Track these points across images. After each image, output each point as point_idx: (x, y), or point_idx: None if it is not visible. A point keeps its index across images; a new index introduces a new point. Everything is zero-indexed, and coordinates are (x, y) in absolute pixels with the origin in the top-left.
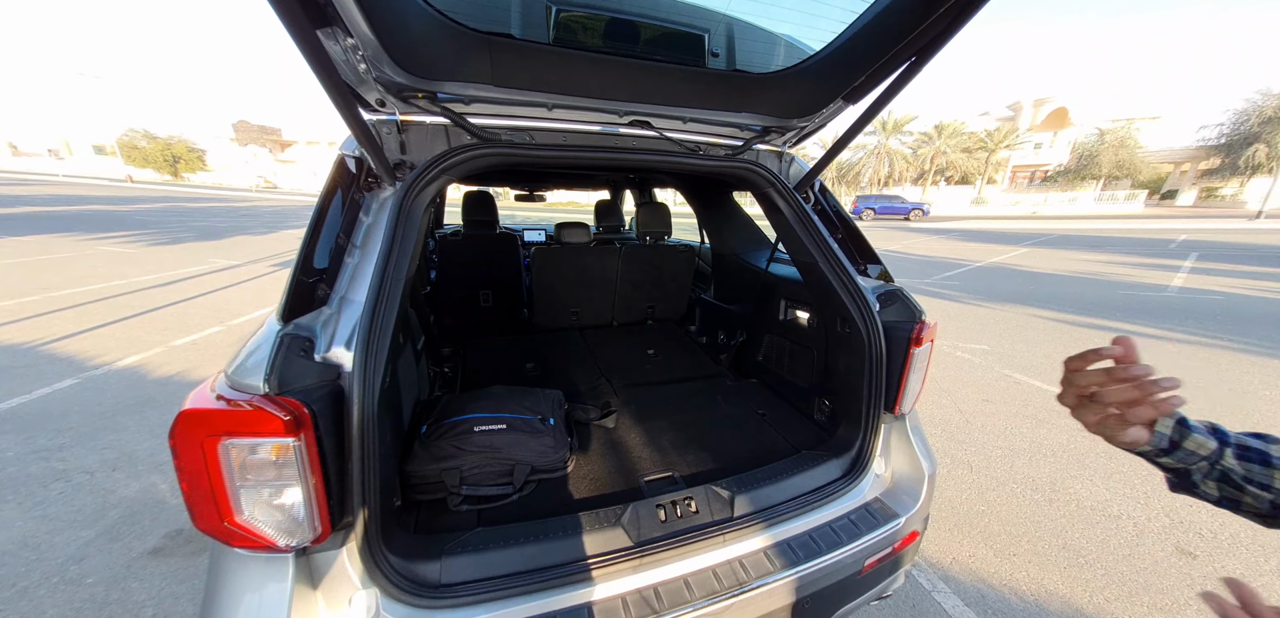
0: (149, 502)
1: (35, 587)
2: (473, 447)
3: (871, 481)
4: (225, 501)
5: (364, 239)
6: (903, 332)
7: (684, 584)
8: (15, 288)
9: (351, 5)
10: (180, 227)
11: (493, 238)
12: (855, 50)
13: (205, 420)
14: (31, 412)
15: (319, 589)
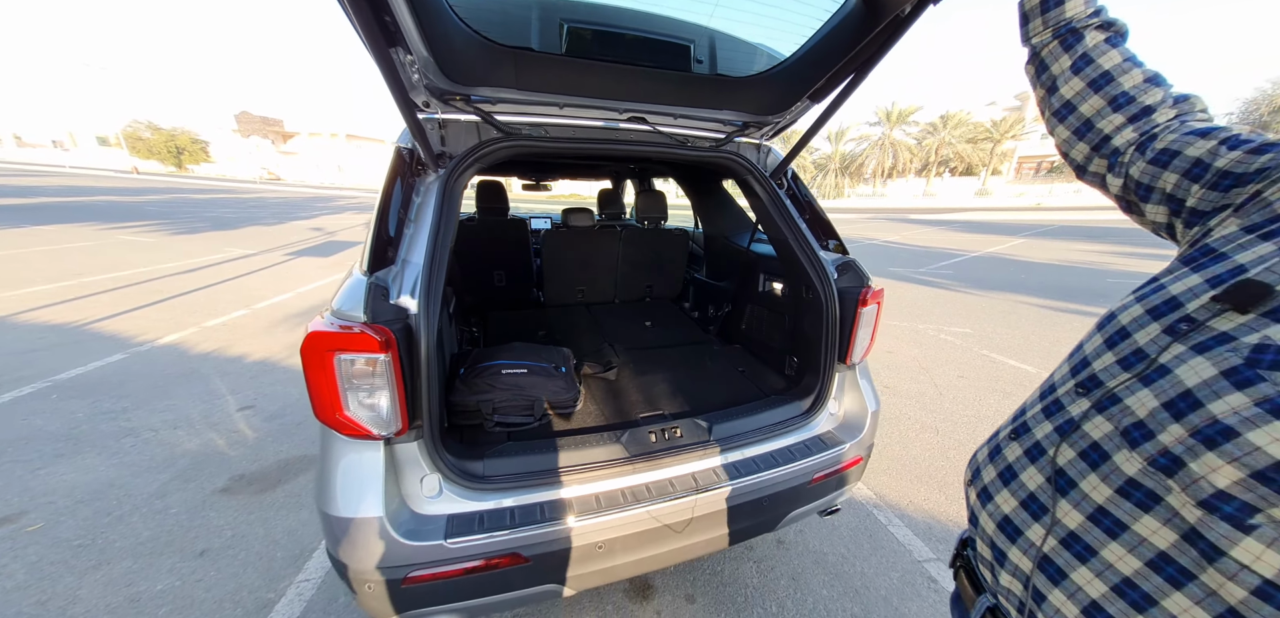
0: (211, 453)
1: (128, 515)
2: (501, 385)
3: (826, 417)
4: (337, 398)
5: (417, 214)
6: (853, 295)
7: (669, 483)
8: (51, 273)
9: (413, 29)
10: (193, 218)
11: (505, 223)
12: (813, 60)
13: (326, 339)
14: (91, 381)
15: (401, 469)
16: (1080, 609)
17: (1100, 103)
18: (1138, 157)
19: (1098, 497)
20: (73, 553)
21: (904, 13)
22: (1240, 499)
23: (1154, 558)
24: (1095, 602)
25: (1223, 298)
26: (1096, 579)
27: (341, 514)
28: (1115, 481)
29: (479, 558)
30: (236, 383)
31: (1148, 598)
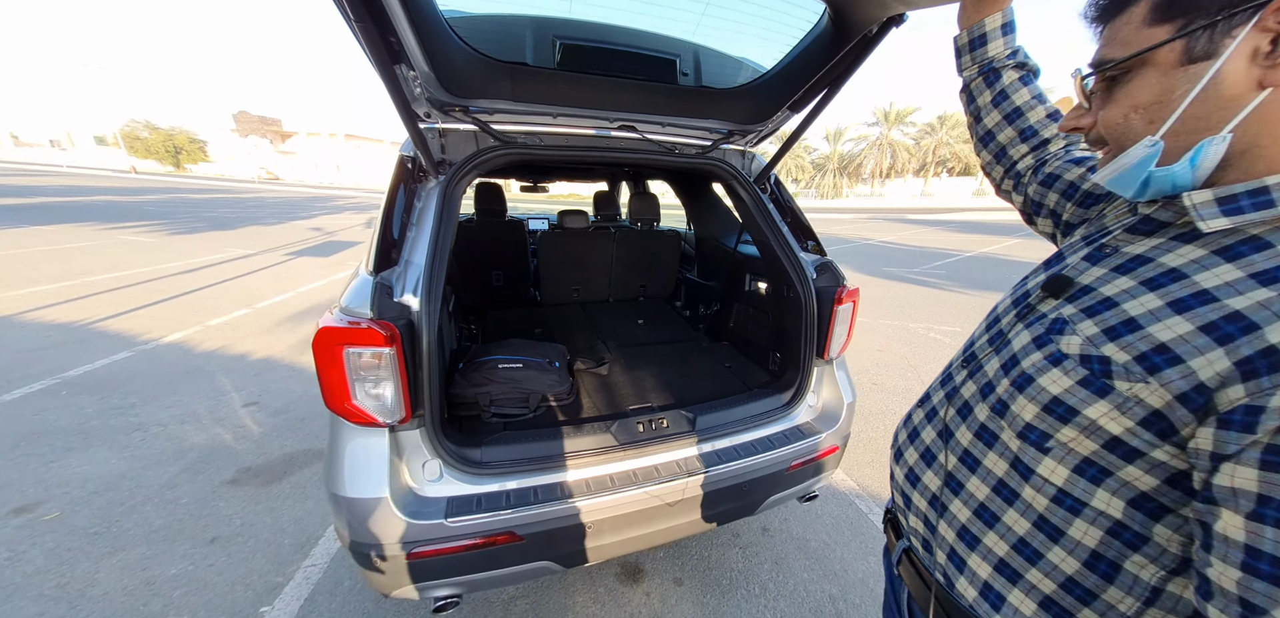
0: (217, 447)
1: (141, 505)
2: (498, 379)
3: (805, 409)
4: (346, 389)
5: (418, 218)
6: (829, 294)
7: (654, 469)
8: (54, 273)
9: (416, 47)
10: (192, 218)
11: (503, 224)
12: (791, 74)
13: (336, 334)
14: (99, 378)
15: (404, 455)
16: (955, 533)
17: (1012, 134)
18: (1032, 179)
19: (964, 441)
20: (89, 540)
21: (871, 33)
22: (1039, 428)
23: (996, 484)
24: (964, 526)
25: (1045, 287)
26: (965, 508)
27: (349, 495)
28: (974, 427)
29: (477, 536)
30: (241, 380)
31: (993, 516)
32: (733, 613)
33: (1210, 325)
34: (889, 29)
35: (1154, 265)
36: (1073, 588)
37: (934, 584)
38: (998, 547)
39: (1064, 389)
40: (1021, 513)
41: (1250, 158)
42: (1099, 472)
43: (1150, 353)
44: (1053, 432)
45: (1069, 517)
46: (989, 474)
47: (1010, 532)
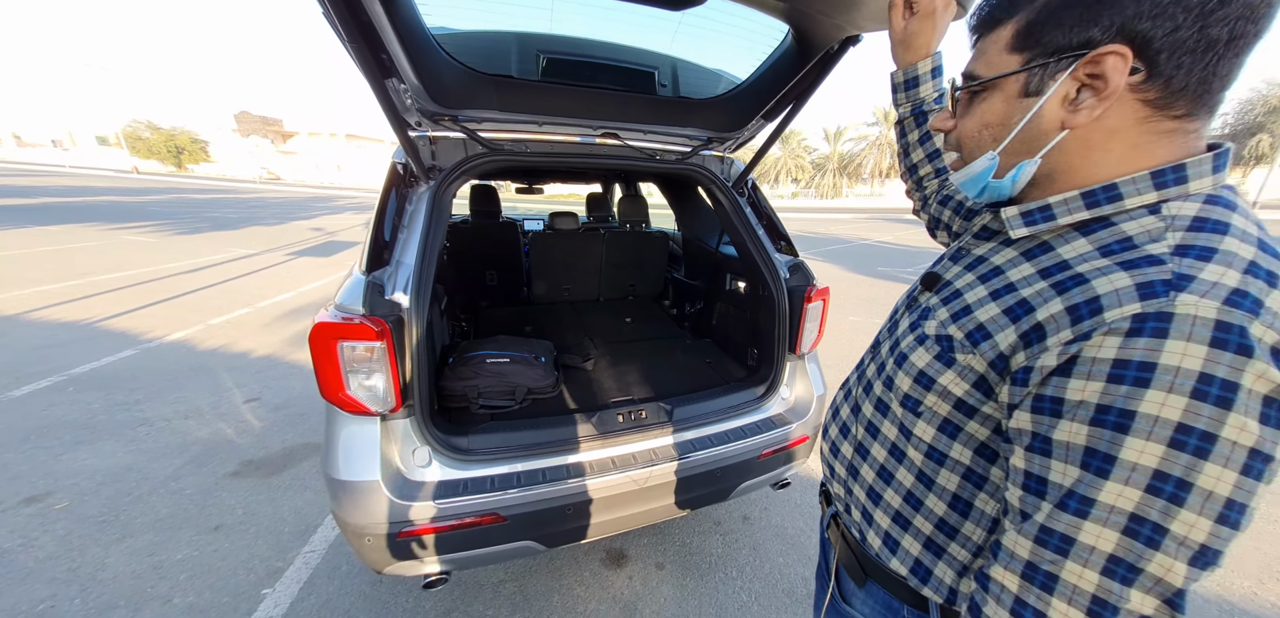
0: (220, 442)
1: (147, 495)
2: (485, 373)
3: (778, 402)
4: (340, 380)
5: (409, 221)
6: (800, 292)
7: (632, 457)
8: (60, 273)
9: (406, 64)
10: (194, 218)
11: (497, 225)
12: (763, 86)
13: (331, 329)
14: (104, 375)
15: (395, 442)
16: (865, 494)
17: (929, 170)
18: (934, 199)
19: (868, 414)
20: (98, 528)
21: (833, 49)
22: (913, 397)
23: (890, 447)
24: (871, 487)
25: (923, 282)
26: (871, 470)
27: (343, 478)
28: (873, 401)
29: (462, 517)
30: (242, 377)
31: (889, 475)
32: (711, 594)
33: (1009, 309)
34: (847, 47)
35: (986, 264)
36: (943, 527)
37: (852, 541)
38: (893, 500)
39: (926, 363)
40: (908, 469)
41: (1051, 181)
42: (954, 428)
43: (975, 331)
44: (922, 398)
45: (937, 468)
46: (885, 439)
47: (901, 486)
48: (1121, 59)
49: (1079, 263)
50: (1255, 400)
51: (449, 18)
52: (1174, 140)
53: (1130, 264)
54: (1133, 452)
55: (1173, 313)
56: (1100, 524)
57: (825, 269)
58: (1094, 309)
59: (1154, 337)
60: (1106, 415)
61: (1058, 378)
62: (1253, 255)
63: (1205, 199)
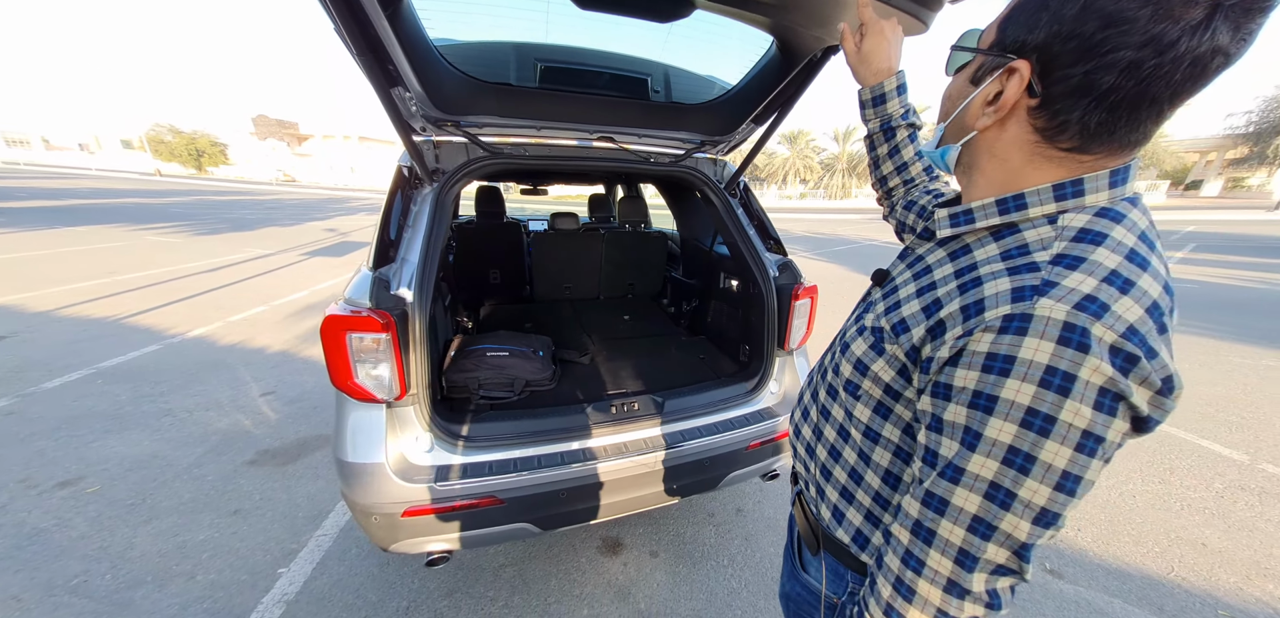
0: (238, 432)
1: (172, 481)
2: (486, 366)
3: (767, 395)
4: (349, 369)
5: (413, 220)
6: (788, 290)
7: (623, 446)
8: (87, 272)
9: (410, 73)
10: (214, 219)
11: (501, 226)
12: (751, 93)
13: (341, 321)
14: (131, 369)
15: (400, 428)
16: (819, 472)
17: (897, 180)
18: (900, 204)
19: (822, 398)
20: (126, 511)
21: (816, 57)
22: (854, 381)
23: (839, 428)
24: (824, 465)
25: (873, 279)
26: (824, 450)
27: (352, 460)
28: (827, 386)
29: (462, 499)
30: (259, 372)
31: (838, 453)
32: (702, 581)
33: (926, 305)
34: (829, 56)
35: (921, 262)
36: (878, 499)
37: (810, 515)
38: (841, 476)
39: (862, 351)
40: (852, 449)
41: (976, 174)
42: (886, 410)
43: (898, 323)
44: (860, 383)
45: (872, 445)
46: (835, 421)
47: (846, 463)
48: (1020, 77)
49: (984, 266)
50: (1091, 391)
51: (450, 29)
52: (1063, 167)
53: (1015, 270)
54: (994, 430)
55: (1032, 315)
56: (968, 490)
57: (830, 269)
58: (979, 309)
59: (1017, 334)
60: (979, 399)
61: (949, 367)
62: (1116, 264)
63: (1097, 212)
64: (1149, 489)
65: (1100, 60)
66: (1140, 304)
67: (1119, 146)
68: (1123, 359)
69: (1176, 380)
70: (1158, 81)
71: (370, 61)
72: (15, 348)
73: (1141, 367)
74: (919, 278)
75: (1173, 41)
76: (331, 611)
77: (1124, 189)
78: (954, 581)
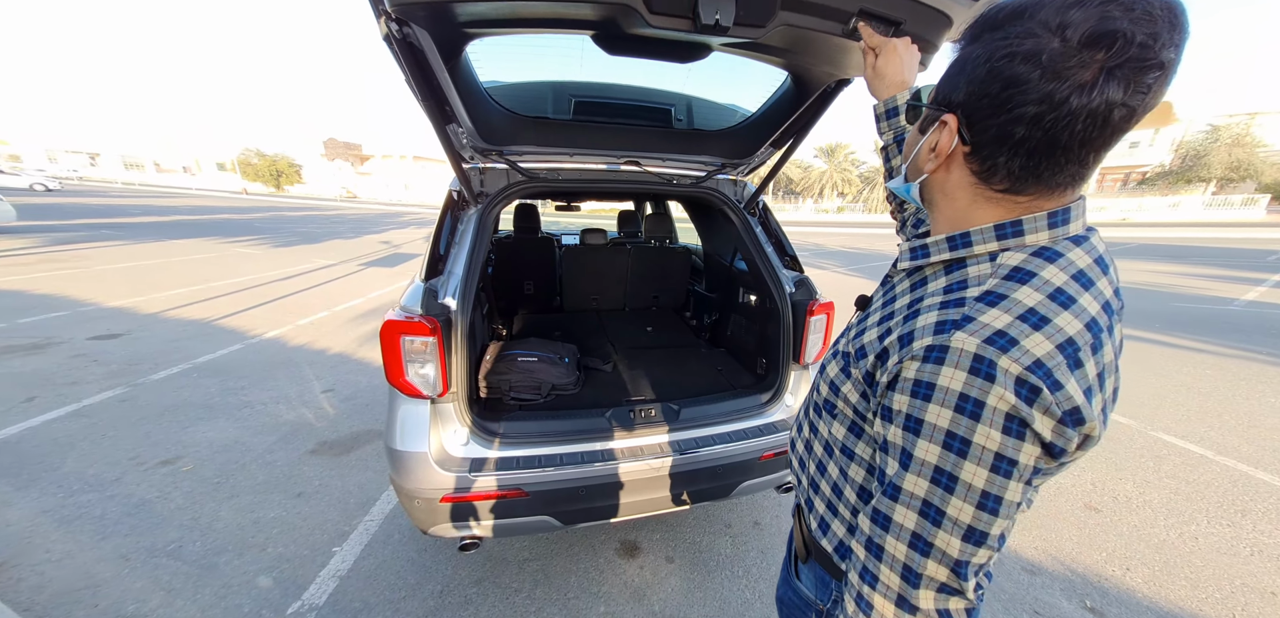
0: (302, 425)
1: (248, 464)
2: (516, 369)
3: (782, 408)
4: (401, 367)
5: (460, 237)
6: (803, 306)
7: (641, 448)
8: (188, 278)
9: (463, 112)
10: (288, 233)
11: (535, 241)
12: (768, 120)
13: (397, 326)
14: (221, 365)
15: (441, 422)
16: (808, 483)
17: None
18: (909, 221)
19: (811, 415)
20: (213, 488)
21: (830, 87)
22: (831, 401)
23: (824, 444)
24: (812, 477)
25: (856, 304)
26: (813, 463)
27: (400, 448)
28: (814, 403)
29: (493, 490)
30: (321, 371)
31: (824, 468)
32: (716, 590)
33: (881, 332)
34: (841, 88)
35: (891, 290)
36: (855, 513)
37: (804, 526)
38: (826, 490)
39: (835, 374)
40: (836, 464)
41: (934, 212)
42: (858, 429)
43: (860, 349)
44: (836, 403)
45: (848, 462)
46: (821, 437)
47: (831, 478)
48: (949, 130)
49: (928, 298)
50: (999, 416)
51: (498, 73)
52: (1002, 207)
53: (944, 305)
54: (921, 450)
55: (948, 346)
56: (905, 506)
57: (865, 285)
58: (910, 339)
59: (935, 363)
60: (909, 422)
61: (889, 391)
62: (1035, 302)
63: (1034, 251)
64: (1216, 532)
65: (1009, 115)
66: (1051, 340)
67: (1049, 188)
68: (1027, 390)
69: (1085, 414)
70: (1060, 132)
71: (431, 105)
72: (129, 344)
73: (1043, 397)
74: (886, 306)
75: (1064, 99)
76: (377, 588)
77: (1065, 229)
78: (903, 596)
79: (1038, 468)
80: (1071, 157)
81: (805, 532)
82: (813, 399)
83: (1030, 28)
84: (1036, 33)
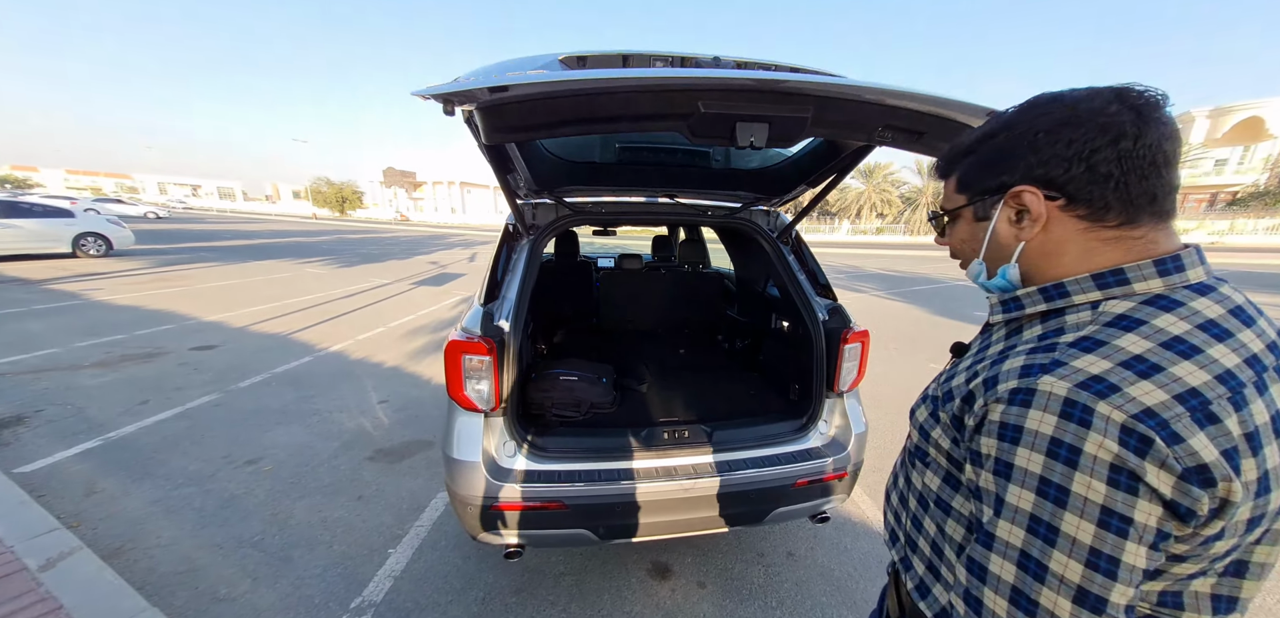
0: (361, 433)
1: (317, 468)
2: (558, 389)
3: (816, 435)
4: (461, 383)
5: (513, 266)
6: (836, 334)
7: (675, 468)
8: (267, 296)
9: (522, 164)
10: (350, 254)
11: (575, 265)
12: (804, 166)
13: (460, 346)
14: (294, 375)
15: (492, 435)
16: (905, 539)
17: None
18: None
19: (904, 464)
20: (289, 487)
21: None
22: (922, 448)
23: (918, 496)
24: (909, 534)
25: (952, 351)
26: (908, 518)
27: (456, 457)
28: (907, 450)
29: (535, 500)
30: (377, 382)
31: (920, 523)
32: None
33: (969, 376)
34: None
35: (988, 337)
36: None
37: (901, 586)
38: (925, 548)
39: (924, 418)
40: (933, 520)
41: (1031, 274)
42: (954, 480)
43: (948, 392)
44: (928, 450)
45: (945, 517)
46: (915, 489)
47: (929, 535)
48: (1035, 195)
49: (1021, 344)
50: (1101, 466)
51: None
52: (1121, 245)
53: (1035, 350)
54: (1013, 496)
55: (1034, 390)
56: (1001, 557)
57: (907, 310)
58: (995, 382)
59: (1021, 406)
60: (999, 465)
61: (976, 434)
62: (1143, 350)
63: (1146, 299)
64: None
65: (1094, 157)
66: (1166, 390)
67: (1158, 211)
68: (1137, 440)
69: (1216, 473)
70: (1124, 159)
71: (497, 166)
72: (222, 355)
73: (1157, 450)
74: (979, 352)
75: (1120, 123)
76: (427, 590)
77: (1182, 277)
78: None
79: (1165, 532)
80: (1157, 176)
81: (901, 595)
82: (906, 447)
83: (1057, 101)
84: (1063, 98)
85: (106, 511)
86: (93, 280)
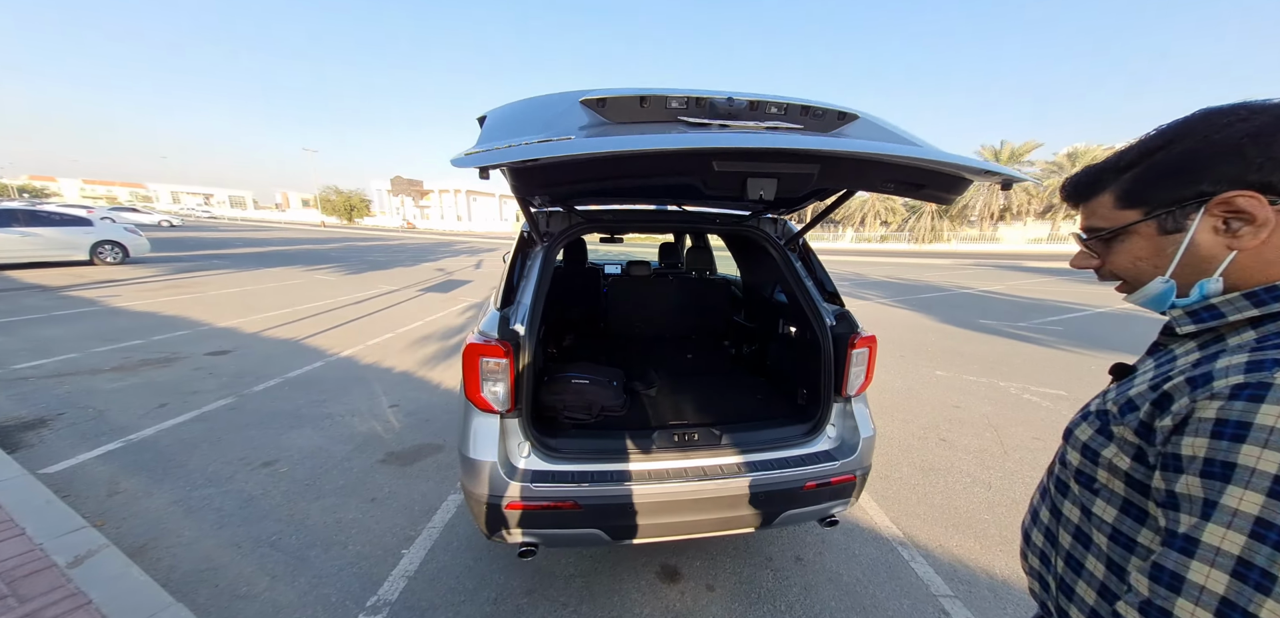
0: (373, 436)
1: (330, 470)
2: (569, 392)
3: (824, 439)
4: (478, 384)
5: (527, 273)
6: (844, 339)
7: (684, 470)
8: (278, 302)
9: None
10: (358, 261)
11: (582, 271)
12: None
13: (477, 348)
14: (306, 379)
15: (508, 435)
16: (1057, 587)
17: None
18: None
19: (1052, 496)
20: (304, 489)
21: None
22: (1084, 471)
23: (1074, 531)
24: (1062, 578)
25: (1111, 373)
26: (1060, 559)
27: (472, 456)
28: (1053, 481)
29: (548, 500)
30: (388, 387)
31: (1079, 565)
32: None
33: (1155, 383)
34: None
35: (1168, 353)
36: None
37: None
38: (1087, 595)
39: (1088, 437)
40: (1099, 558)
41: (1236, 282)
42: (1138, 510)
43: (1125, 404)
44: (1093, 473)
45: (1126, 555)
46: (1069, 522)
47: (1094, 577)
48: (1256, 200)
49: (1231, 345)
50: None
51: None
52: None
53: (1259, 347)
54: (1233, 498)
55: (1271, 384)
56: (1207, 564)
57: (911, 318)
58: (1207, 380)
59: (1250, 401)
60: (1212, 467)
61: (1175, 436)
62: None
63: None
64: None
65: None
66: None
67: None
68: None
69: None
70: None
71: (516, 186)
72: (236, 360)
73: None
74: (1160, 367)
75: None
76: (439, 591)
77: None
78: None
79: None
80: None
81: None
82: (1055, 477)
83: (1218, 112)
84: (1267, 106)
85: (130, 510)
86: (110, 287)
